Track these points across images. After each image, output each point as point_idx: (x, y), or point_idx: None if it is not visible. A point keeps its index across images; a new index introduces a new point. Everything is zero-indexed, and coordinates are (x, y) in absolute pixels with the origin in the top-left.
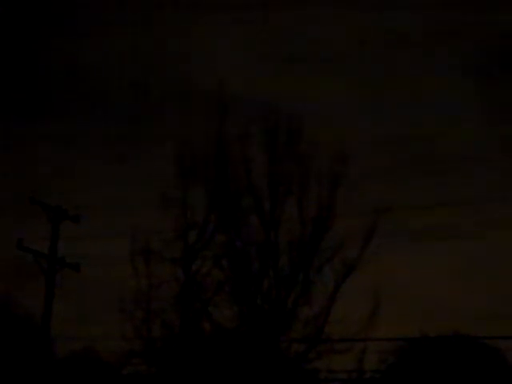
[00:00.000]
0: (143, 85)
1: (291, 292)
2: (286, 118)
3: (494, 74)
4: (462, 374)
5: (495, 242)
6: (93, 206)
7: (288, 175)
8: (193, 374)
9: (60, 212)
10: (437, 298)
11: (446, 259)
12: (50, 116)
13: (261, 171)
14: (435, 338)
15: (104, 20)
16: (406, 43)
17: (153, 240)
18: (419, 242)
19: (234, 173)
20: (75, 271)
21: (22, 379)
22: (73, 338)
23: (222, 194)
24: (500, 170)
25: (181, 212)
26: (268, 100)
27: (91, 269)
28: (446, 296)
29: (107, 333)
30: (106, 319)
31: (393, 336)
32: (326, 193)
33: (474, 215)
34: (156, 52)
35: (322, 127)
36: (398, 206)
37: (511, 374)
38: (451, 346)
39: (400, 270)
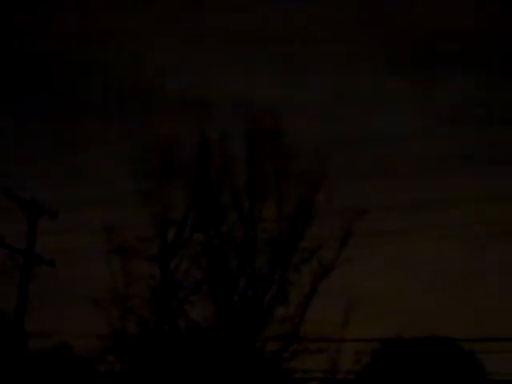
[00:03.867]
0: (117, 82)
1: (268, 291)
2: (265, 117)
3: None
4: (435, 376)
5: (470, 242)
6: (68, 202)
7: (267, 174)
8: (167, 372)
9: (37, 207)
10: (413, 300)
11: (421, 261)
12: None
13: (240, 170)
14: (411, 339)
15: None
16: None
17: (130, 237)
18: (395, 243)
19: (214, 171)
20: (50, 267)
21: None
22: (47, 335)
23: (201, 192)
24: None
25: (159, 209)
26: (246, 99)
27: (66, 265)
28: (421, 297)
29: (82, 329)
30: (81, 316)
31: (368, 337)
32: (304, 192)
33: (448, 216)
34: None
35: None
36: (374, 207)
37: (484, 375)
38: (426, 347)
39: (376, 271)
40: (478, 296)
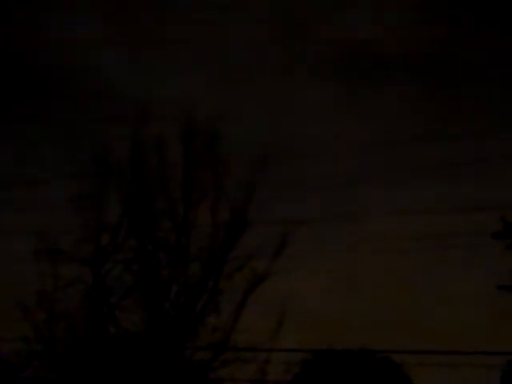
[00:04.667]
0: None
1: (199, 299)
2: (203, 121)
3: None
4: None
5: (405, 255)
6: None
7: (203, 180)
8: (95, 378)
9: None
10: (345, 311)
11: (356, 273)
12: None
13: (176, 175)
14: (340, 350)
15: None
16: None
17: (62, 240)
18: (331, 252)
19: (149, 176)
20: None
21: None
22: None
23: (135, 197)
24: None
25: (93, 213)
26: (184, 102)
27: None
28: (354, 309)
29: (6, 332)
30: (6, 319)
31: (299, 347)
32: (240, 200)
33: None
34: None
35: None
36: (310, 218)
37: None
38: (356, 359)
39: (309, 282)
40: (413, 309)
